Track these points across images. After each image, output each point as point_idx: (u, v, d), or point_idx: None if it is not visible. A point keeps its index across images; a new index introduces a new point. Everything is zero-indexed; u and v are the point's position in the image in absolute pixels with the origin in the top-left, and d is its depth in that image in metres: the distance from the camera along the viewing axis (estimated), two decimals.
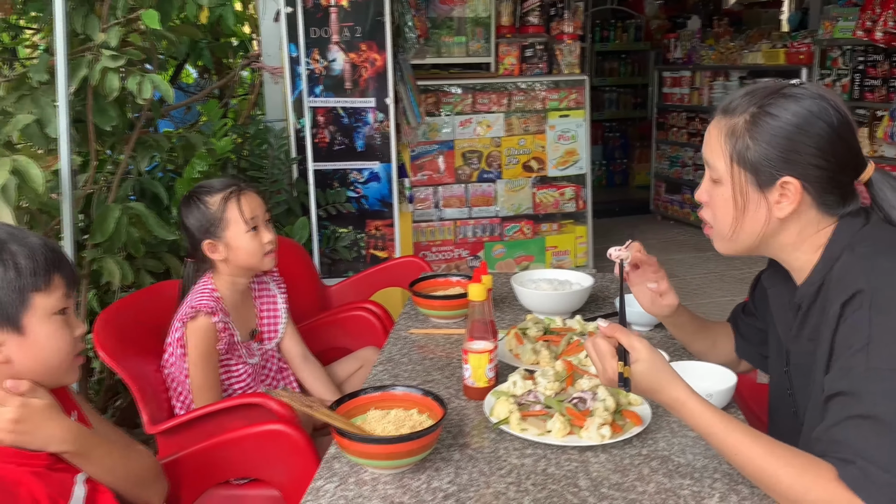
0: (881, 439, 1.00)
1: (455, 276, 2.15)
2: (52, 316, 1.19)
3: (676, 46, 6.69)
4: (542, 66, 4.59)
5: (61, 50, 2.00)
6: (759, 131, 1.16)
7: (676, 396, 1.15)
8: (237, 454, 1.64)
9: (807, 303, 1.21)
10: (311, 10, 3.22)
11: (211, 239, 1.86)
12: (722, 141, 1.20)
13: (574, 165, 4.66)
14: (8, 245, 1.15)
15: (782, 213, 1.18)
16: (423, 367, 1.67)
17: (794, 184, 1.16)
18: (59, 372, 1.23)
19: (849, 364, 1.06)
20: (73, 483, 1.22)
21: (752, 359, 1.55)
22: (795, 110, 1.15)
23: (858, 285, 1.08)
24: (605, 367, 1.20)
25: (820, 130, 1.14)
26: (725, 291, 4.73)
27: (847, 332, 1.08)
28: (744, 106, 1.19)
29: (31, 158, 1.86)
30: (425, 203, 4.40)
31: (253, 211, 1.88)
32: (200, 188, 1.91)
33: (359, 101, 3.31)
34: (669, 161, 6.67)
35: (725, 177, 1.21)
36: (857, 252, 1.14)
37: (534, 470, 1.23)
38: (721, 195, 1.23)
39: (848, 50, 4.93)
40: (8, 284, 1.14)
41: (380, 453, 1.19)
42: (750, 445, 1.09)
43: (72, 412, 1.30)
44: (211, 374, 1.83)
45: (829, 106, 1.15)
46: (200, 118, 3.77)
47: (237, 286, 1.93)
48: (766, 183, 1.17)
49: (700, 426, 1.14)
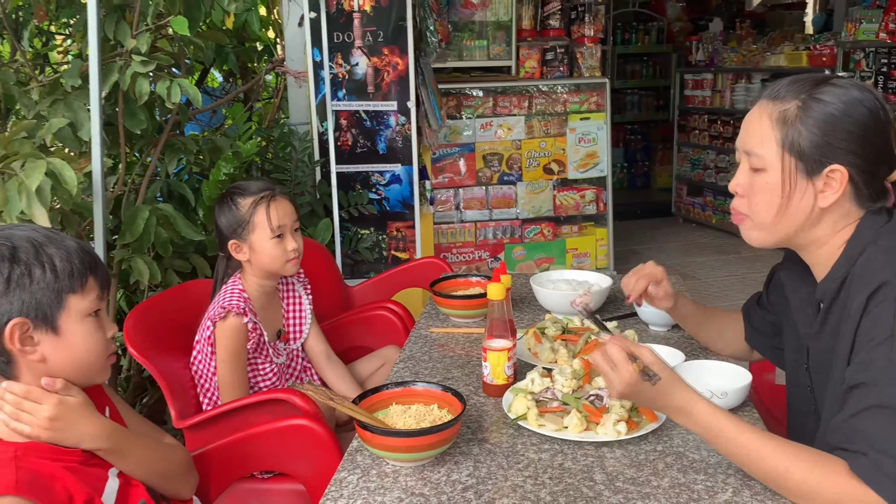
0: (894, 429, 1.01)
1: (475, 277, 2.19)
2: (86, 317, 1.22)
3: (698, 49, 6.68)
4: (562, 69, 4.61)
5: (94, 56, 2.07)
6: (810, 117, 1.17)
7: (687, 399, 1.16)
8: (262, 448, 1.68)
9: (829, 299, 1.22)
10: (335, 15, 3.27)
11: (237, 240, 1.91)
12: (772, 127, 1.20)
13: (595, 168, 4.67)
14: (46, 248, 1.19)
15: (827, 202, 1.18)
16: (444, 365, 1.71)
17: (842, 171, 1.17)
18: (91, 371, 1.26)
19: (870, 356, 1.07)
20: (106, 477, 1.26)
21: (763, 350, 1.57)
22: (844, 98, 1.16)
23: (883, 277, 1.09)
24: (622, 371, 1.18)
25: (865, 119, 1.16)
26: (747, 294, 4.69)
27: (869, 324, 1.09)
28: (794, 93, 1.19)
29: (65, 161, 1.92)
30: (446, 205, 4.43)
31: (281, 219, 1.90)
32: (236, 188, 1.95)
33: (381, 104, 3.36)
34: (691, 163, 6.65)
35: (774, 163, 1.20)
36: (881, 246, 1.15)
37: (551, 464, 1.26)
38: (766, 182, 1.22)
39: (871, 52, 4.90)
40: (46, 286, 1.17)
41: (401, 446, 1.23)
42: (761, 444, 1.10)
43: (105, 407, 1.34)
44: (239, 372, 1.87)
45: (873, 97, 1.18)
46: (226, 121, 3.84)
47: (264, 287, 1.98)
48: (815, 170, 1.18)
49: (711, 429, 1.15)
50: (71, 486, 1.17)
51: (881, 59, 4.83)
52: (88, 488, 1.20)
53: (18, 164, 1.87)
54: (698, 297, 1.39)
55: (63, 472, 1.18)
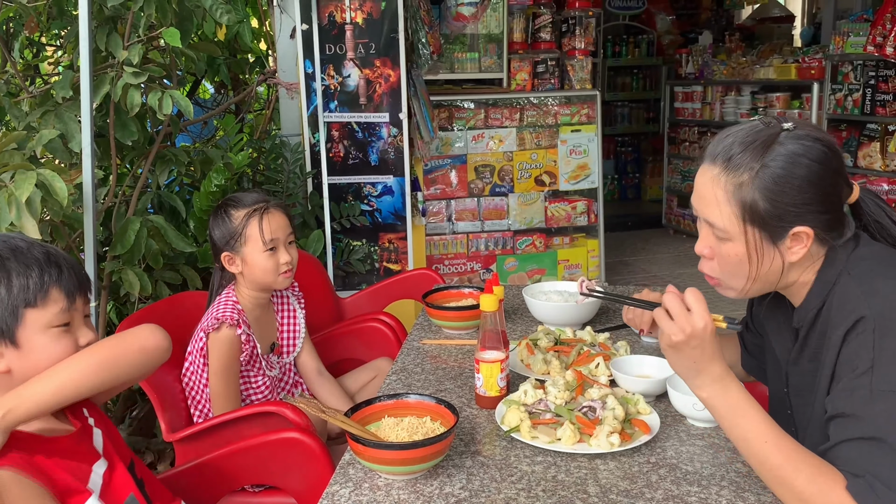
0: (884, 459, 1.02)
1: (467, 288, 2.19)
2: (48, 329, 1.21)
3: (688, 61, 6.73)
4: (553, 82, 4.63)
5: (86, 67, 2.06)
6: (764, 187, 1.15)
7: (727, 372, 1.15)
8: (254, 462, 1.67)
9: (806, 326, 1.23)
10: (327, 28, 3.28)
11: (230, 252, 1.90)
12: (728, 200, 1.19)
13: (586, 179, 4.68)
14: (7, 262, 1.20)
15: (796, 257, 1.19)
16: (436, 377, 1.70)
17: (806, 232, 1.17)
18: None
19: (852, 386, 1.08)
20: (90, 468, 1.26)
21: (757, 374, 1.57)
22: (793, 159, 1.14)
23: (861, 312, 1.10)
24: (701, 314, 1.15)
25: (818, 170, 1.15)
26: (737, 305, 4.73)
27: (851, 354, 1.10)
28: (746, 162, 1.17)
29: (55, 172, 1.92)
30: (438, 216, 4.44)
31: (274, 232, 1.90)
32: (230, 200, 1.94)
33: (373, 116, 3.36)
34: (681, 175, 6.68)
35: (737, 235, 1.20)
36: (854, 276, 1.16)
37: (544, 476, 1.26)
38: (732, 253, 1.22)
39: (859, 65, 4.95)
40: (0, 302, 1.18)
41: (393, 459, 1.22)
42: (778, 438, 1.10)
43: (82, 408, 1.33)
44: (231, 384, 1.86)
45: (816, 145, 1.16)
46: (217, 133, 3.84)
47: (258, 300, 1.97)
48: (779, 236, 1.18)
49: (739, 407, 1.13)
50: (54, 474, 1.18)
51: (868, 71, 4.87)
52: (71, 476, 1.20)
53: (8, 176, 1.86)
54: None
55: (44, 461, 1.18)
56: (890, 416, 1.03)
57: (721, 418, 1.16)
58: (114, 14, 2.29)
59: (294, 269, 1.96)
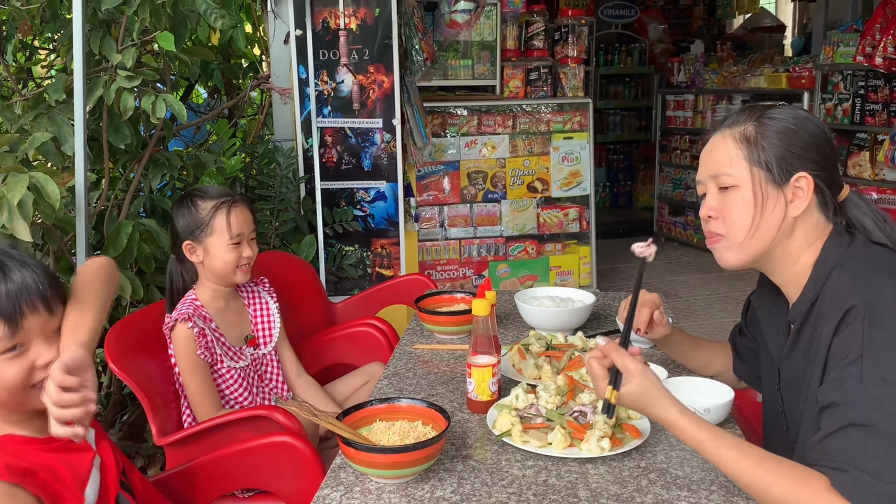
0: (873, 447, 1.03)
1: (460, 294, 2.19)
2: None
3: (680, 70, 6.76)
4: (546, 89, 4.65)
5: (79, 70, 2.06)
6: (769, 132, 1.25)
7: (666, 417, 1.20)
8: (244, 466, 1.66)
9: (799, 321, 1.25)
10: (321, 33, 3.29)
11: (192, 241, 1.92)
12: (737, 146, 1.27)
13: (578, 186, 4.70)
14: None
15: (798, 210, 1.24)
16: (428, 382, 1.71)
17: (807, 178, 1.23)
18: (11, 403, 1.20)
19: (842, 375, 1.10)
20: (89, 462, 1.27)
21: (749, 380, 1.58)
22: (794, 114, 1.27)
23: (852, 302, 1.12)
24: (597, 387, 1.26)
25: (816, 130, 1.26)
26: (728, 313, 4.76)
27: (841, 344, 1.12)
28: (746, 117, 1.29)
29: (47, 175, 1.91)
30: (431, 222, 4.44)
31: (240, 226, 1.93)
32: (196, 191, 1.97)
33: (366, 121, 3.37)
34: (673, 183, 6.71)
35: (744, 178, 1.26)
36: (848, 270, 1.18)
37: (535, 481, 1.26)
38: (738, 198, 1.27)
39: (849, 75, 4.99)
40: None
41: (385, 462, 1.23)
42: (739, 458, 1.12)
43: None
44: (202, 379, 1.87)
45: (815, 118, 1.29)
46: (210, 137, 3.84)
47: (220, 292, 1.99)
48: (783, 179, 1.24)
49: (691, 442, 1.18)
50: (53, 471, 1.18)
51: (858, 81, 4.92)
52: (71, 471, 1.20)
53: (0, 178, 1.86)
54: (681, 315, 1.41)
55: (43, 459, 1.18)
56: (879, 404, 1.04)
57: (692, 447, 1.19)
58: (107, 17, 2.29)
59: (251, 265, 1.98)
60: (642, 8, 7.89)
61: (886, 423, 1.03)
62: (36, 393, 1.19)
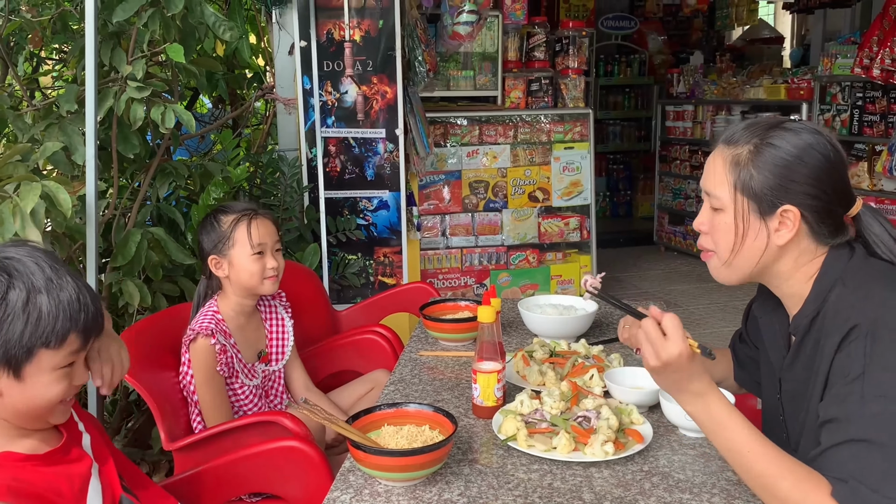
0: (872, 461, 1.05)
1: (463, 301, 2.22)
2: (54, 370, 1.17)
3: (679, 81, 6.81)
4: (547, 100, 4.69)
5: (91, 81, 2.10)
6: (761, 161, 1.22)
7: (706, 387, 1.19)
8: (253, 470, 1.69)
9: (801, 333, 1.27)
10: (325, 45, 3.33)
11: (217, 255, 1.95)
12: (726, 170, 1.26)
13: (578, 196, 4.74)
14: (39, 295, 1.15)
15: (781, 240, 1.24)
16: (434, 388, 1.73)
17: (794, 212, 1.22)
18: (43, 414, 1.21)
19: (844, 392, 1.12)
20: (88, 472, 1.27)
21: (749, 386, 1.60)
22: (795, 142, 1.22)
23: (855, 320, 1.14)
24: (677, 341, 1.17)
25: (817, 162, 1.21)
26: (728, 322, 4.78)
27: (844, 360, 1.14)
28: (746, 137, 1.25)
29: (59, 184, 1.94)
30: (433, 231, 4.48)
31: (262, 237, 1.95)
32: (220, 208, 2.01)
33: (369, 131, 3.41)
34: (672, 193, 6.75)
35: (728, 204, 1.26)
36: (850, 285, 1.20)
37: (540, 484, 1.29)
38: (723, 222, 1.28)
39: (847, 86, 5.04)
40: (21, 336, 1.14)
41: (393, 465, 1.25)
42: (760, 447, 1.14)
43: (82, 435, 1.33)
44: (217, 393, 1.89)
45: (826, 140, 1.23)
46: (214, 147, 3.87)
47: (243, 308, 2.00)
48: (767, 211, 1.23)
49: (720, 420, 1.17)
50: (54, 487, 1.18)
51: (856, 92, 4.96)
52: (70, 484, 1.21)
53: (12, 187, 1.89)
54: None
55: (43, 476, 1.18)
56: (880, 420, 1.07)
57: (706, 430, 1.21)
58: (118, 30, 2.32)
59: (280, 276, 2.00)
60: (642, 20, 7.95)
61: (886, 439, 1.05)
62: (61, 408, 1.22)
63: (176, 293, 2.59)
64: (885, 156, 4.60)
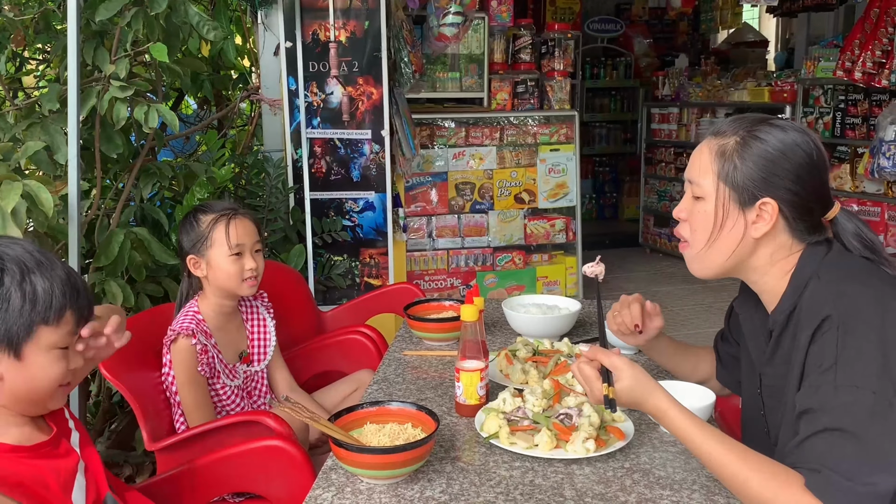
0: (845, 450, 1.07)
1: (448, 301, 2.22)
2: (52, 350, 1.20)
3: (665, 84, 6.86)
4: (533, 102, 4.71)
5: (73, 80, 2.09)
6: (747, 153, 1.25)
7: (658, 405, 1.24)
8: (235, 470, 1.68)
9: (779, 328, 1.29)
10: (311, 45, 3.32)
11: (195, 255, 1.93)
12: (711, 160, 1.28)
13: (564, 198, 4.76)
14: (33, 274, 1.17)
15: (757, 233, 1.26)
16: (417, 387, 1.74)
17: (772, 205, 1.24)
18: (45, 398, 1.24)
19: (818, 382, 1.14)
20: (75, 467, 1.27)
21: (731, 385, 1.62)
22: (782, 138, 1.24)
23: (827, 311, 1.16)
24: (592, 389, 1.30)
25: (801, 159, 1.24)
26: (713, 323, 4.81)
27: (817, 352, 1.16)
28: (734, 129, 1.28)
29: (40, 184, 1.94)
30: (419, 232, 4.48)
31: (240, 238, 1.93)
32: (200, 207, 1.99)
33: (355, 132, 3.41)
34: (658, 195, 6.79)
35: (710, 193, 1.29)
36: (824, 280, 1.22)
37: (522, 481, 1.29)
38: (702, 210, 1.30)
39: (829, 89, 5.09)
40: (20, 313, 1.16)
41: (375, 463, 1.25)
42: (724, 452, 1.16)
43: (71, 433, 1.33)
44: (199, 393, 1.88)
45: (811, 141, 1.26)
46: (199, 148, 3.86)
47: (223, 308, 1.99)
48: (747, 202, 1.26)
49: (680, 433, 1.22)
50: (41, 479, 1.18)
51: (839, 95, 5.01)
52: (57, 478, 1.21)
53: None
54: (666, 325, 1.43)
55: (31, 468, 1.19)
56: (851, 409, 1.08)
57: (678, 438, 1.24)
58: (101, 29, 2.32)
59: (259, 278, 1.98)
60: (628, 23, 8.01)
61: (858, 427, 1.07)
62: (60, 392, 1.26)
63: (160, 294, 2.58)
64: (866, 158, 4.65)
